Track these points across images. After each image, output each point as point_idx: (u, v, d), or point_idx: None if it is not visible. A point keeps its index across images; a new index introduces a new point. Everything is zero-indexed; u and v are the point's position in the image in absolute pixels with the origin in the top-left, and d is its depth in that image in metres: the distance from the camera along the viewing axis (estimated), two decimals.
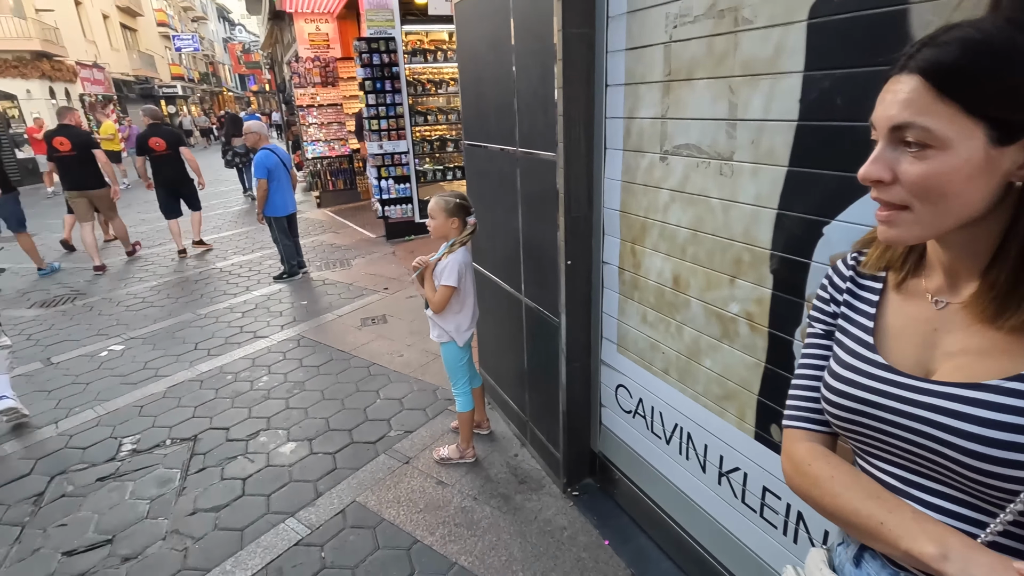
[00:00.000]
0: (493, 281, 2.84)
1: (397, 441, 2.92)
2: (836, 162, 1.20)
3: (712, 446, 1.74)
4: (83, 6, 21.47)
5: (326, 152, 9.45)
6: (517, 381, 2.82)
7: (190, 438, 3.05)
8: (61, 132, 6.02)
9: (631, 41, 1.76)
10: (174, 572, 2.17)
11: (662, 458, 2.01)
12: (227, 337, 4.37)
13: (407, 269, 5.87)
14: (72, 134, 6.06)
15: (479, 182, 2.87)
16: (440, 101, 7.25)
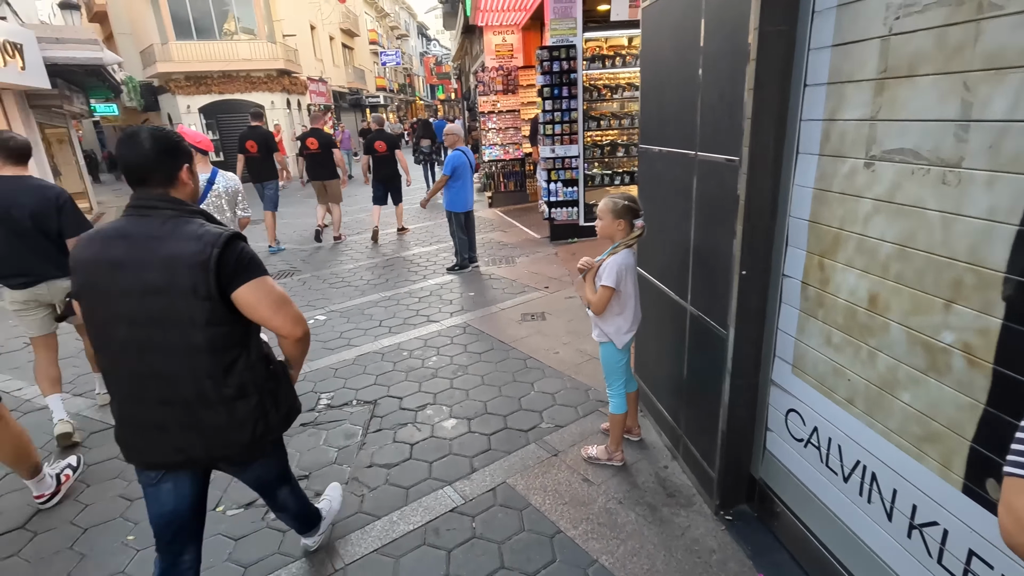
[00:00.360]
0: (657, 287, 2.79)
1: (547, 433, 3.02)
2: None
3: (903, 492, 1.53)
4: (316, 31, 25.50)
5: (501, 155, 10.03)
6: (674, 391, 2.74)
7: (371, 402, 3.49)
8: (312, 134, 7.74)
9: (840, 36, 1.62)
10: (352, 513, 2.52)
11: (837, 497, 1.81)
12: (405, 318, 4.89)
13: (568, 270, 6.00)
14: (320, 136, 7.73)
15: (652, 186, 2.84)
16: (614, 106, 7.26)
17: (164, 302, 1.46)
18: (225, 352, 1.55)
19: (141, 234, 1.48)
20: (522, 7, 8.69)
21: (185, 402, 1.54)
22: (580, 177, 7.14)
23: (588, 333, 4.31)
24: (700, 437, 2.47)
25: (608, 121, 7.11)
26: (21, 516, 2.62)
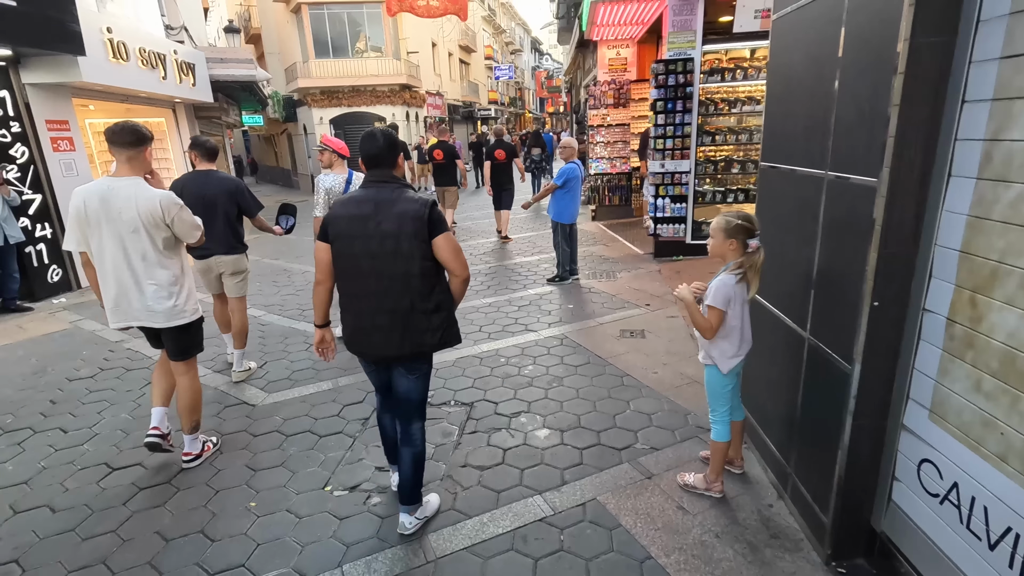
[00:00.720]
0: (771, 312, 2.63)
1: (642, 455, 2.94)
2: None
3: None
4: (437, 47, 26.99)
5: (607, 169, 9.96)
6: (784, 426, 2.56)
7: (468, 404, 3.60)
8: (439, 146, 8.86)
9: (1011, 47, 1.44)
10: (445, 509, 2.61)
11: (979, 566, 1.59)
12: (504, 326, 5.00)
13: (671, 288, 5.81)
14: (445, 147, 8.86)
15: (772, 206, 2.69)
16: (731, 121, 6.96)
17: (394, 243, 2.16)
18: (429, 279, 2.23)
19: (380, 198, 2.20)
20: (639, 21, 8.61)
21: (403, 311, 2.23)
22: (690, 193, 6.90)
23: (690, 355, 4.14)
24: (812, 478, 2.28)
25: (724, 136, 6.82)
26: (170, 473, 3.00)
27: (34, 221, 6.68)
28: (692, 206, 6.94)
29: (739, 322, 2.38)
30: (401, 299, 2.22)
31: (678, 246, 7.05)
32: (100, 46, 7.33)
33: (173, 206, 2.73)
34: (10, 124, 6.46)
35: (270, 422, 3.49)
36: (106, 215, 2.63)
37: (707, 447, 2.88)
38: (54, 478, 3.00)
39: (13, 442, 3.40)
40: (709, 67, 6.68)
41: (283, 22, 21.90)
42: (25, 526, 2.62)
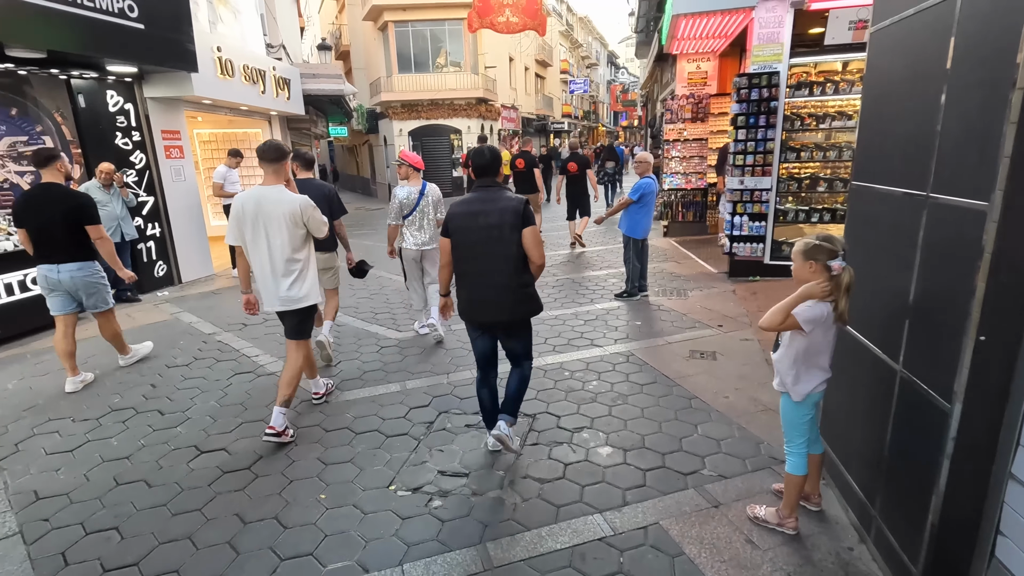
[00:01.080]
0: (858, 341, 2.46)
1: (709, 482, 2.83)
2: None
3: None
4: (514, 62, 27.51)
5: (682, 184, 9.72)
6: (869, 464, 2.38)
7: (531, 415, 3.61)
8: (521, 155, 9.51)
9: None
10: (504, 519, 2.62)
11: None
12: (569, 339, 4.97)
13: (746, 310, 5.57)
14: (526, 157, 9.47)
15: (863, 228, 2.53)
16: (818, 136, 6.61)
17: (498, 232, 2.83)
18: (521, 261, 2.89)
19: (486, 198, 2.89)
20: (722, 34, 8.39)
21: (504, 286, 2.89)
22: (770, 211, 6.60)
23: (765, 381, 3.95)
24: (900, 524, 2.10)
25: (810, 152, 6.48)
26: (250, 459, 3.21)
27: (146, 221, 7.38)
28: (772, 225, 6.63)
29: (821, 349, 2.25)
30: (502, 278, 2.89)
31: (755, 266, 6.75)
32: (210, 63, 8.04)
33: (308, 207, 3.33)
34: (132, 133, 7.20)
35: (342, 419, 3.65)
36: (259, 216, 3.24)
37: (781, 479, 2.73)
38: (151, 456, 3.29)
39: (119, 420, 3.75)
40: (796, 81, 6.39)
41: (370, 39, 23.11)
42: (125, 497, 2.88)
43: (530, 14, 12.58)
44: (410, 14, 20.95)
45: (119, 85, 7.01)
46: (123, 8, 6.13)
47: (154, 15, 6.52)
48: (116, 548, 2.51)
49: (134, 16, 6.26)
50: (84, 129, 6.71)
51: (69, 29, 5.51)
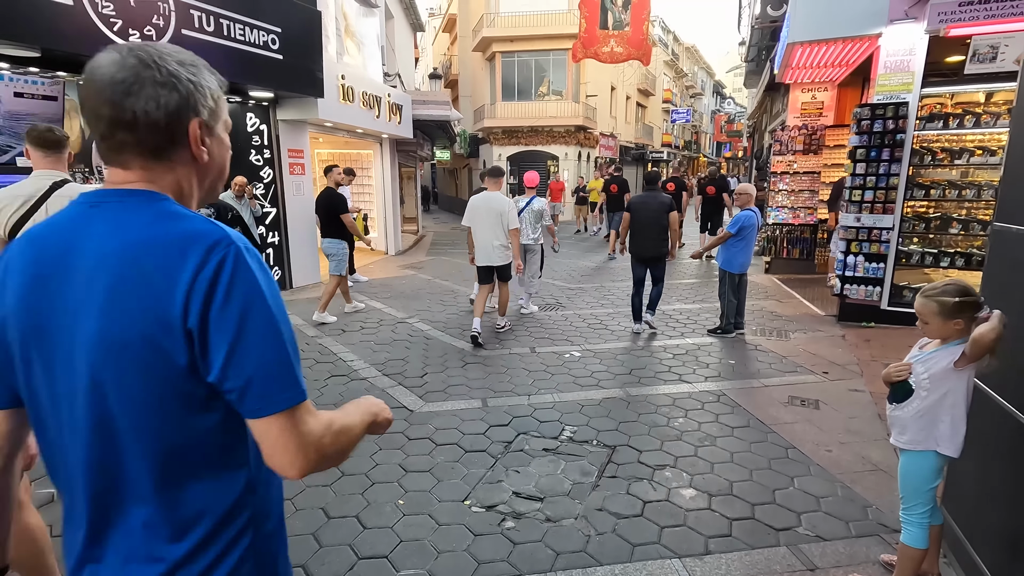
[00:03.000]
0: (995, 401, 2.16)
1: (804, 541, 2.58)
2: None
3: None
4: (616, 91, 27.59)
5: (789, 219, 9.17)
6: (1004, 545, 2.06)
7: (610, 446, 3.50)
8: (614, 181, 11.85)
9: None
10: (575, 550, 2.55)
11: None
12: (656, 372, 4.80)
13: (856, 357, 5.09)
14: (619, 181, 11.94)
15: (1009, 275, 2.24)
16: (952, 174, 5.98)
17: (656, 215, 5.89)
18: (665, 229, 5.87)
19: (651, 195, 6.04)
20: (843, 62, 7.90)
21: (657, 239, 5.87)
22: (891, 252, 6.02)
23: (878, 437, 3.57)
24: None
25: (942, 190, 5.88)
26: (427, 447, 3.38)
27: (268, 230, 8.14)
28: (893, 267, 6.05)
29: (965, 405, 2.00)
30: (658, 235, 5.83)
31: (870, 311, 6.16)
32: (335, 90, 8.80)
33: (508, 205, 5.66)
34: (263, 151, 8.03)
35: (424, 429, 3.75)
36: (485, 209, 5.62)
37: (891, 551, 2.44)
38: None
39: None
40: (928, 112, 5.85)
41: (478, 68, 24.23)
42: None
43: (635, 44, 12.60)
44: (517, 45, 21.74)
45: (257, 108, 7.86)
46: (267, 41, 6.91)
47: (291, 47, 7.28)
48: None
49: (275, 48, 7.03)
50: None
51: (223, 59, 6.30)
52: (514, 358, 5.17)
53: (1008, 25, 5.07)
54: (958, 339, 1.97)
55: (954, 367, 1.96)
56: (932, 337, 2.03)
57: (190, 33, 5.84)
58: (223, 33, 6.23)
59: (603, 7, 12.47)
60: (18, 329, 0.85)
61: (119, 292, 0.79)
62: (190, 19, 5.83)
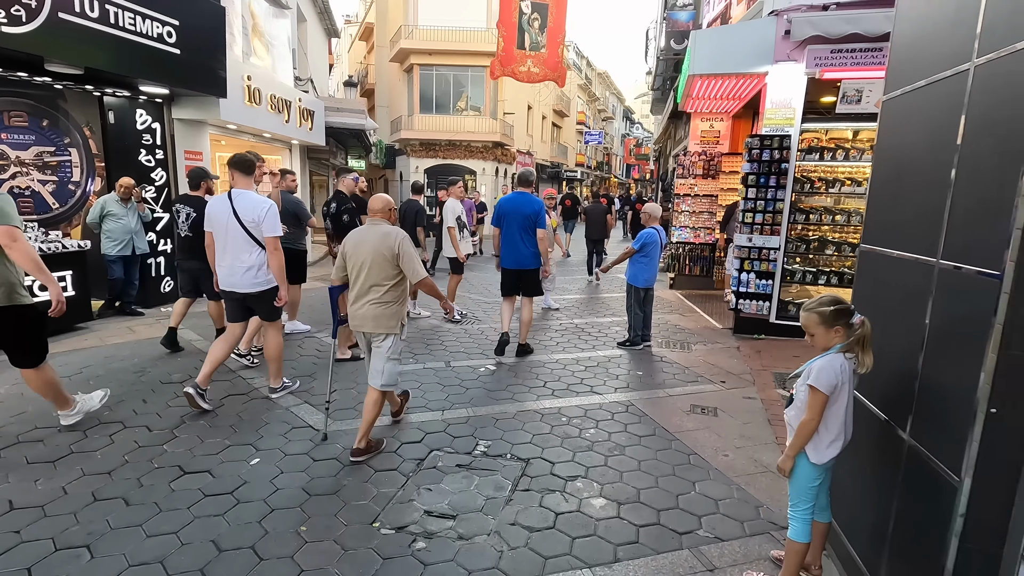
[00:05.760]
0: (865, 406, 2.40)
1: (704, 543, 2.71)
2: None
3: None
4: (532, 110, 28.32)
5: (690, 238, 9.80)
6: (873, 538, 2.28)
7: (524, 459, 3.51)
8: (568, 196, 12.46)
9: None
10: (488, 567, 2.51)
11: None
12: (569, 384, 4.90)
13: (749, 367, 5.50)
14: (572, 196, 12.78)
15: (872, 292, 2.51)
16: (827, 201, 6.68)
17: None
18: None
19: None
20: (737, 96, 8.62)
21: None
22: (777, 271, 6.61)
23: (767, 441, 3.85)
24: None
25: (819, 216, 6.54)
26: (232, 484, 3.12)
27: (159, 236, 7.47)
28: (779, 284, 6.63)
29: (843, 408, 2.18)
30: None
31: (760, 324, 6.71)
32: (239, 91, 8.31)
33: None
34: (156, 151, 7.39)
35: (331, 449, 3.57)
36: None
37: (781, 546, 2.62)
38: (133, 472, 3.21)
39: (106, 433, 3.68)
40: (807, 145, 6.52)
41: (395, 79, 23.94)
42: (101, 514, 2.79)
43: (551, 66, 13.03)
44: (436, 59, 21.76)
45: (149, 105, 7.23)
46: (162, 34, 6.40)
47: (190, 42, 6.80)
48: (84, 568, 2.42)
49: (172, 41, 6.53)
50: (111, 144, 6.90)
51: (109, 49, 5.74)
52: (428, 373, 5.08)
53: (870, 72, 5.77)
54: (840, 343, 2.16)
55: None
56: (819, 346, 2.21)
57: (69, 18, 5.29)
58: (110, 21, 5.69)
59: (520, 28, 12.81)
60: None
61: None
62: (70, 2, 5.28)
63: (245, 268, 4.07)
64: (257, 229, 4.04)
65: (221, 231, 4.07)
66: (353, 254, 3.43)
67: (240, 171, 4.13)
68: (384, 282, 3.38)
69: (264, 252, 4.10)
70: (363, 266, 3.38)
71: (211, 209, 4.13)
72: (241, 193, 4.08)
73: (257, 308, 4.30)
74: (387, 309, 3.41)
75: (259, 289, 4.15)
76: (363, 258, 3.38)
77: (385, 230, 3.42)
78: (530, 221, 5.44)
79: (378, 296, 3.39)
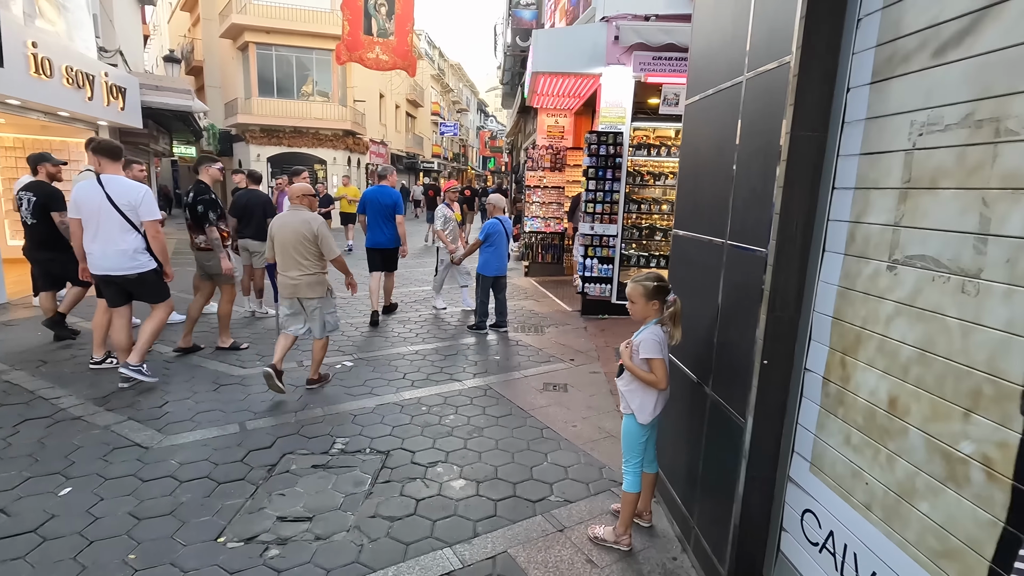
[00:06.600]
0: (680, 368, 2.79)
1: (555, 507, 2.95)
2: None
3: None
4: (384, 99, 27.51)
5: (542, 228, 10.33)
6: (689, 480, 2.67)
7: (384, 452, 3.49)
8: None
9: (867, 146, 1.71)
10: (347, 563, 2.48)
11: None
12: (429, 374, 4.94)
13: (595, 345, 6.00)
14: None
15: (682, 270, 2.91)
16: (656, 192, 7.49)
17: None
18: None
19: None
20: (576, 94, 9.24)
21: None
22: (616, 256, 7.27)
23: (609, 409, 4.26)
24: (713, 531, 2.38)
25: (649, 206, 7.31)
26: (36, 520, 2.68)
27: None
28: (618, 268, 7.30)
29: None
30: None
31: (604, 305, 7.34)
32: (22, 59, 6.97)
33: None
34: None
35: (163, 467, 3.22)
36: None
37: (619, 500, 2.94)
38: None
39: None
40: (638, 142, 7.23)
41: (228, 58, 21.69)
42: None
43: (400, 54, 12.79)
44: (274, 38, 20.12)
45: None
46: None
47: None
48: None
49: None
50: None
51: None
52: None
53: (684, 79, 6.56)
54: (655, 319, 2.49)
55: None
56: (637, 316, 2.52)
57: None
58: None
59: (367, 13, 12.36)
60: None
61: None
62: None
63: (119, 251, 4.14)
64: (134, 213, 4.14)
65: (92, 217, 4.08)
66: (279, 235, 4.14)
67: (107, 157, 4.20)
68: (309, 257, 4.16)
69: (139, 236, 4.21)
70: (287, 245, 4.12)
71: (79, 195, 4.08)
72: (112, 178, 4.15)
73: (138, 292, 4.40)
74: (316, 277, 4.24)
75: (135, 272, 4.24)
76: (287, 238, 4.11)
77: (305, 216, 4.17)
78: (389, 210, 6.45)
79: (306, 269, 4.19)
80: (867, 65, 1.72)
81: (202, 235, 5.17)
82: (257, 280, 6.73)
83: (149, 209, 4.21)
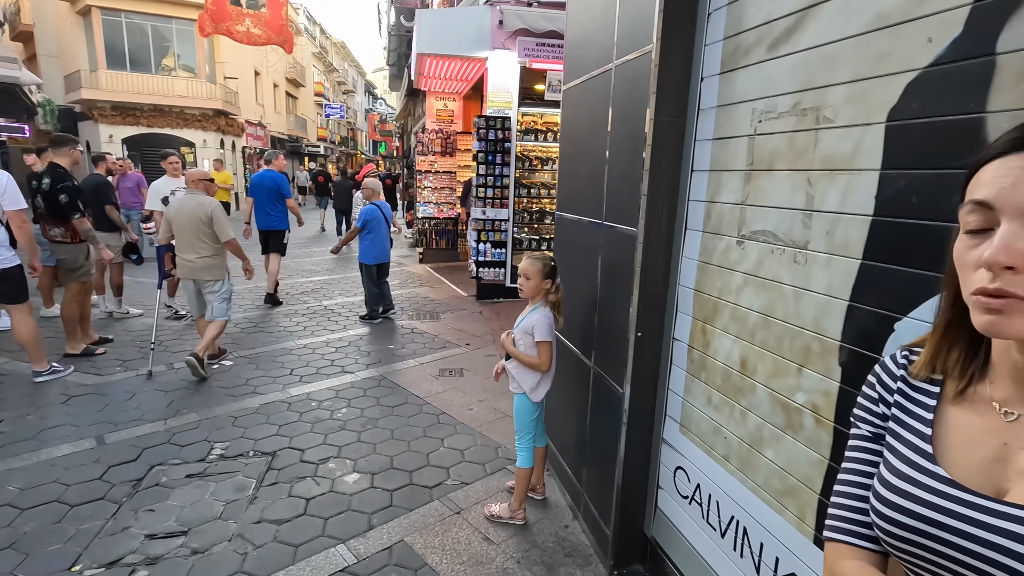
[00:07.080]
0: (566, 345, 2.91)
1: (452, 490, 2.97)
2: (910, 259, 1.20)
3: (768, 545, 1.64)
4: (260, 76, 25.46)
5: (435, 213, 10.21)
6: (577, 450, 2.80)
7: (270, 453, 3.30)
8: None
9: (718, 132, 1.87)
10: (230, 573, 2.32)
11: (715, 552, 1.90)
12: (319, 368, 4.73)
13: (491, 329, 6.07)
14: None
15: (565, 250, 3.01)
16: (545, 177, 7.68)
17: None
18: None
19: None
20: (464, 78, 9.17)
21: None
22: (508, 240, 7.38)
23: (504, 391, 4.34)
24: (599, 496, 2.52)
25: (538, 190, 7.48)
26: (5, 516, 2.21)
27: None
28: (511, 252, 7.42)
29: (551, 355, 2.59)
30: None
31: (498, 289, 7.44)
32: None
33: None
34: None
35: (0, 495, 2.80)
36: None
37: (513, 477, 3.02)
38: None
39: None
40: (526, 127, 7.35)
41: (65, 23, 18.86)
42: None
43: (274, 28, 11.88)
44: (122, 3, 17.82)
45: None
46: None
47: None
48: None
49: None
50: None
51: None
52: (139, 380, 4.32)
53: None
54: (541, 300, 2.56)
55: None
56: (527, 294, 2.58)
57: None
58: None
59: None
60: None
61: None
62: None
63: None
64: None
65: None
66: (176, 218, 4.23)
67: None
68: (205, 240, 4.25)
69: (1, 228, 3.84)
70: (184, 228, 4.21)
71: None
72: None
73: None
74: (213, 260, 4.34)
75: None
76: (183, 221, 4.20)
77: (200, 199, 4.28)
78: (275, 193, 6.66)
79: (203, 251, 4.28)
80: (717, 56, 1.87)
81: (58, 227, 4.51)
82: (114, 276, 5.99)
83: (13, 198, 3.82)
